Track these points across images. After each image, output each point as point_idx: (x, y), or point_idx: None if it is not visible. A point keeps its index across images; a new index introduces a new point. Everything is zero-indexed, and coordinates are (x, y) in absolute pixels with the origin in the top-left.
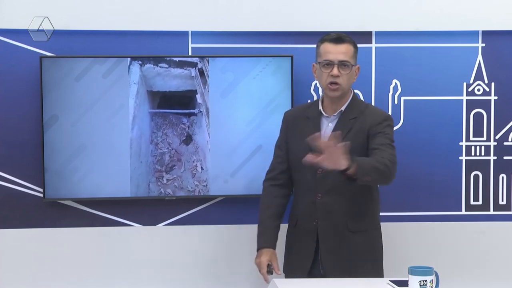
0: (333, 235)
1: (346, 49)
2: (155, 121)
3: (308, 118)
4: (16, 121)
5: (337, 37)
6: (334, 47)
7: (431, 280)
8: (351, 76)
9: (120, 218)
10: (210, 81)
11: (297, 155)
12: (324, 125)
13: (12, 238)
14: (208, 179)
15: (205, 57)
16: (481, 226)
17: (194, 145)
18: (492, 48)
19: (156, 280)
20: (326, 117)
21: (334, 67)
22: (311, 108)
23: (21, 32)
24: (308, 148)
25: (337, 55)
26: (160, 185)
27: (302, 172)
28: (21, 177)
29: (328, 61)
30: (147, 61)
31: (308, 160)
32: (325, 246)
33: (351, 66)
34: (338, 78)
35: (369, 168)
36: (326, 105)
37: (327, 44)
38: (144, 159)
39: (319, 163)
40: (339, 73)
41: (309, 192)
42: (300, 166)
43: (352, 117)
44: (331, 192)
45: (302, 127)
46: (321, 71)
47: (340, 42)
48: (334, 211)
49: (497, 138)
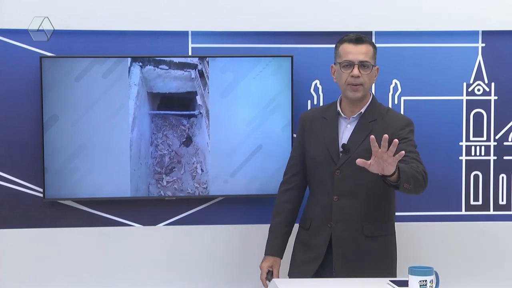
0: (348, 240)
1: (366, 50)
2: (155, 122)
3: (326, 119)
4: (16, 121)
5: (357, 38)
6: (354, 48)
7: (431, 280)
8: (372, 77)
9: (120, 218)
10: (210, 81)
11: (314, 156)
12: (342, 126)
13: (12, 238)
14: (208, 180)
15: (205, 57)
16: (481, 226)
17: (194, 147)
18: (492, 48)
19: (156, 280)
20: (345, 118)
21: (355, 67)
22: (329, 110)
23: (21, 32)
24: (326, 149)
25: (358, 56)
26: (160, 187)
27: (319, 173)
28: (21, 177)
29: (349, 62)
30: (147, 62)
31: (358, 163)
32: (338, 251)
33: (372, 67)
34: (359, 79)
35: (410, 176)
36: (344, 107)
37: (347, 45)
38: (144, 161)
39: (366, 167)
40: (359, 73)
41: (326, 194)
42: (317, 166)
43: (372, 119)
44: (349, 195)
45: (319, 127)
46: (341, 72)
47: (360, 42)
48: (350, 215)
49: (497, 138)
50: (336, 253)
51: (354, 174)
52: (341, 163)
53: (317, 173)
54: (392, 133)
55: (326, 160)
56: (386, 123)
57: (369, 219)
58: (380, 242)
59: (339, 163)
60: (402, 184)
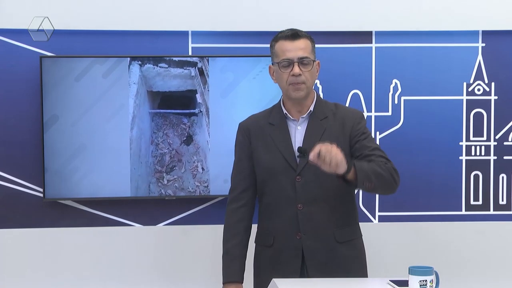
0: (321, 249)
1: (305, 45)
2: (156, 121)
3: (272, 124)
4: (16, 121)
5: (293, 33)
6: (291, 44)
7: (431, 280)
8: (313, 73)
9: (120, 218)
10: (210, 81)
11: (268, 165)
12: (292, 129)
13: (12, 238)
14: (208, 179)
15: (205, 57)
16: (481, 226)
17: (194, 146)
18: (492, 48)
19: (156, 280)
20: (293, 120)
21: (295, 65)
22: (272, 114)
23: (21, 32)
24: (280, 155)
25: (296, 52)
26: (161, 186)
27: (277, 183)
28: (21, 177)
29: (287, 60)
30: (147, 61)
31: (311, 159)
32: (312, 262)
33: (312, 62)
34: (300, 77)
35: (370, 173)
36: (290, 108)
37: (282, 42)
38: (144, 160)
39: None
40: (300, 71)
41: (288, 204)
42: (274, 176)
43: (323, 117)
44: (314, 201)
45: (267, 134)
46: (281, 72)
47: (296, 38)
48: (319, 222)
49: (497, 138)
50: (311, 265)
51: (316, 178)
52: (300, 168)
53: (275, 183)
54: (351, 127)
55: (283, 167)
56: (339, 119)
57: (339, 224)
58: (352, 246)
59: (298, 168)
60: (362, 182)
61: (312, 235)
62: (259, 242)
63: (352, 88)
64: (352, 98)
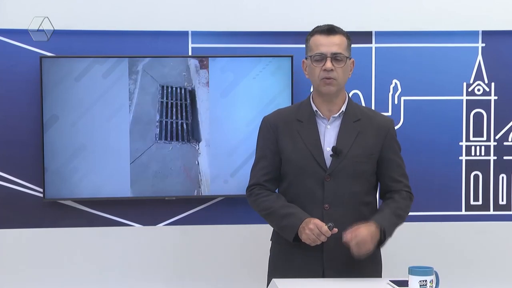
0: (342, 250)
1: (340, 41)
2: (156, 121)
3: (300, 121)
4: (16, 121)
5: (329, 28)
6: (326, 39)
7: (431, 280)
8: (346, 71)
9: (120, 218)
10: (210, 81)
11: (297, 162)
12: (321, 128)
13: (12, 238)
14: (208, 179)
15: (205, 57)
16: (481, 226)
17: (194, 145)
18: (492, 48)
19: (156, 280)
20: (323, 118)
21: (327, 60)
22: (300, 110)
23: (21, 32)
24: (310, 154)
25: (330, 47)
26: (161, 186)
27: (305, 181)
28: (21, 177)
29: (321, 54)
30: (147, 61)
31: (345, 241)
32: (332, 263)
33: (346, 59)
34: (332, 72)
35: (393, 230)
36: (319, 106)
37: (318, 36)
38: (144, 160)
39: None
40: (332, 66)
41: (314, 203)
42: (302, 173)
43: (356, 119)
44: (340, 202)
45: (295, 130)
46: (313, 66)
47: (332, 33)
48: (343, 224)
49: (497, 138)
50: (329, 266)
51: (347, 180)
52: (332, 169)
53: (302, 181)
54: (385, 137)
55: (312, 166)
56: (374, 123)
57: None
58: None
59: (330, 168)
60: (383, 244)
61: (334, 236)
62: (277, 240)
63: (352, 88)
64: (352, 98)
